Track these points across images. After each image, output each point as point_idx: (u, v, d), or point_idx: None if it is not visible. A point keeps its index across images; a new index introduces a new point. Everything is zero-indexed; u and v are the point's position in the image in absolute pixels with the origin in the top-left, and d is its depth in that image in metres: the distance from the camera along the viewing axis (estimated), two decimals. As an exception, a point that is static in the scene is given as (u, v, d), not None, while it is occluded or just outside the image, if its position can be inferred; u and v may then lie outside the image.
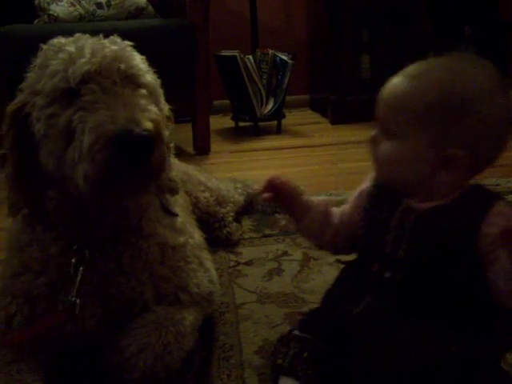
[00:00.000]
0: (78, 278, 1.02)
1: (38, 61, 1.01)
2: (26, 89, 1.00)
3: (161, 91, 1.08)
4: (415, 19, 3.43)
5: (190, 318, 1.11)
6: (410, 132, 0.87)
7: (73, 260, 1.03)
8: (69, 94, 0.94)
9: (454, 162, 0.86)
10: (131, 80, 0.99)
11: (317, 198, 1.06)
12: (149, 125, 0.90)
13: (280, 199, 1.02)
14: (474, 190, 0.89)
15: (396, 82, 0.91)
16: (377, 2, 3.43)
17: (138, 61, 1.03)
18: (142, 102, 0.95)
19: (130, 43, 1.05)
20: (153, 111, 0.95)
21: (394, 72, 0.92)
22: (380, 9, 3.44)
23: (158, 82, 1.08)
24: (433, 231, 0.87)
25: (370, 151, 0.95)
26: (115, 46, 1.02)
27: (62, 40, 1.03)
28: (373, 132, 0.94)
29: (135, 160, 0.89)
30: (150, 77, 1.04)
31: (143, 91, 1.00)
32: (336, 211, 1.05)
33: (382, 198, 0.96)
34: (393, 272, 0.90)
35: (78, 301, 1.01)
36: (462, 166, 0.86)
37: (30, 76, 1.01)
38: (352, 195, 1.05)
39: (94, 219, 1.04)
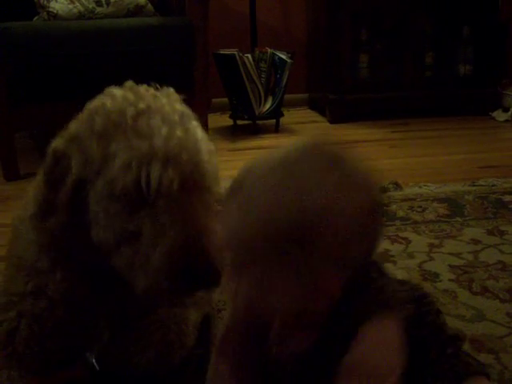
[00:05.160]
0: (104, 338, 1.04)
1: (99, 122, 0.91)
2: (75, 148, 0.91)
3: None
4: (414, 18, 3.44)
5: (192, 317, 1.13)
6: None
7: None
8: (138, 199, 0.88)
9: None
10: (201, 188, 0.95)
11: None
12: (217, 259, 0.88)
13: None
14: None
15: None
16: (375, 1, 3.44)
17: (211, 162, 0.98)
18: (210, 221, 0.92)
19: (197, 123, 0.98)
20: (214, 232, 0.90)
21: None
22: (379, 8, 3.45)
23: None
24: None
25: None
26: (186, 134, 0.93)
27: (128, 95, 0.94)
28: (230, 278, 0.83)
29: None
30: (216, 178, 1.00)
31: (208, 197, 0.96)
32: None
33: None
34: None
35: (94, 361, 1.03)
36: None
37: (85, 135, 0.91)
38: None
39: None
